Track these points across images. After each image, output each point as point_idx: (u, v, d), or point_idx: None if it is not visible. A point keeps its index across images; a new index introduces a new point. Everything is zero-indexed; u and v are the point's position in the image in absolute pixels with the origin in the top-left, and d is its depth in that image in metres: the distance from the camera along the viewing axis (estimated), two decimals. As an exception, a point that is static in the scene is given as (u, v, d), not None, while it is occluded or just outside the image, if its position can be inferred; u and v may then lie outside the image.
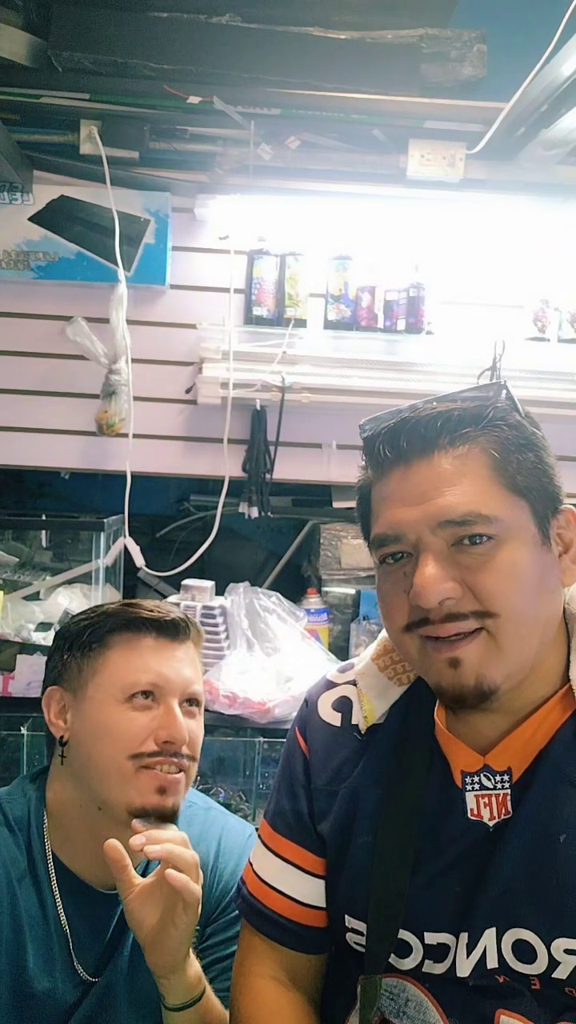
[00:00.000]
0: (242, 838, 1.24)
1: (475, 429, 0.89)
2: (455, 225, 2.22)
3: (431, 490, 0.87)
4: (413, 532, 0.88)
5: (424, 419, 0.89)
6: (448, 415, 0.89)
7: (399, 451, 0.90)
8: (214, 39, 1.97)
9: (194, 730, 1.12)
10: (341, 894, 1.00)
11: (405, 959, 0.94)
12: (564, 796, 0.90)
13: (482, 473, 0.88)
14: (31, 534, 2.22)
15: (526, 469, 0.89)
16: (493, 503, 0.87)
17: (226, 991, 1.09)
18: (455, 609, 0.86)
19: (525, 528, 0.88)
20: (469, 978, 0.91)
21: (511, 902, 0.90)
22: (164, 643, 1.13)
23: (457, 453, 0.88)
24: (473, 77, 2.03)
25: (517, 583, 0.86)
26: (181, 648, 1.14)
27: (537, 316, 2.21)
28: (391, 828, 0.96)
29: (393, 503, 0.90)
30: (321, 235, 2.23)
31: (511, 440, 0.89)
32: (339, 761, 1.02)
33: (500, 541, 0.86)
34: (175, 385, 2.25)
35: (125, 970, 1.14)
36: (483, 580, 0.86)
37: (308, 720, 1.08)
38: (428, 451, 0.89)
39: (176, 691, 1.11)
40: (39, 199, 2.19)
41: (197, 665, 1.16)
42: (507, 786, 0.92)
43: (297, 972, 1.05)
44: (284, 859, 1.04)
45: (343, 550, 2.24)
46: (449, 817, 0.94)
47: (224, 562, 2.43)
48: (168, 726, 1.09)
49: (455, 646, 0.87)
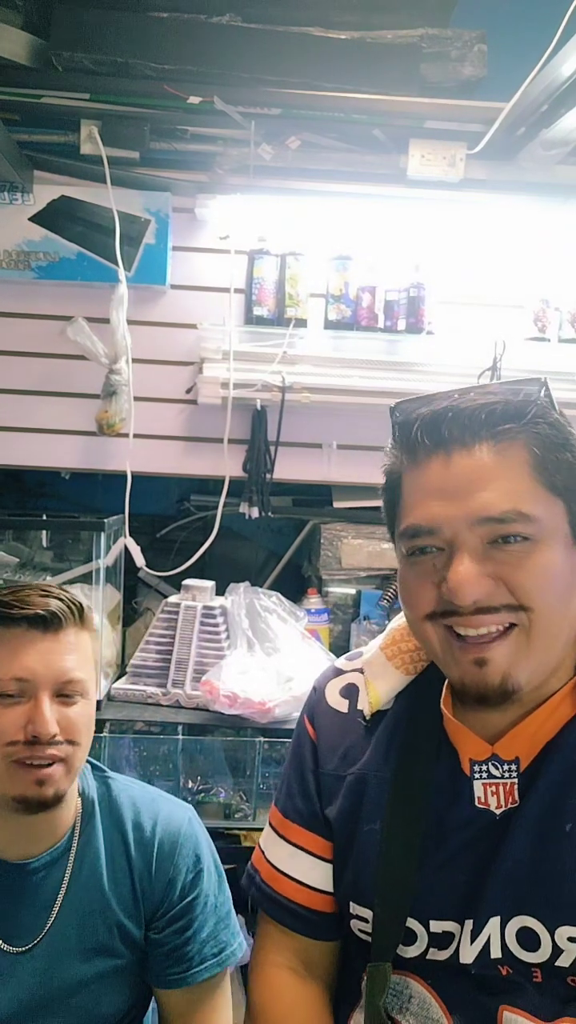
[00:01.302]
0: (181, 820, 1.26)
1: (518, 425, 0.87)
2: (455, 225, 2.22)
3: (471, 484, 0.86)
4: (450, 528, 0.87)
5: (468, 410, 0.88)
6: (492, 408, 0.88)
7: (440, 439, 0.88)
8: (214, 39, 1.97)
9: (72, 717, 1.13)
10: (347, 881, 1.01)
11: (410, 947, 0.95)
12: (572, 787, 0.90)
13: (523, 471, 0.87)
14: (31, 534, 2.22)
15: (564, 469, 0.88)
16: (533, 502, 0.86)
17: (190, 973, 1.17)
18: (487, 603, 0.86)
19: (560, 528, 0.88)
20: (472, 966, 0.91)
21: (516, 890, 0.90)
22: (35, 635, 1.13)
23: (500, 448, 0.87)
24: (473, 77, 2.03)
25: (552, 583, 0.86)
26: (55, 638, 1.13)
27: (537, 316, 2.21)
28: (398, 815, 0.96)
29: (429, 495, 0.88)
30: (321, 235, 2.23)
31: (551, 438, 0.88)
32: (346, 747, 1.04)
33: (536, 541, 0.86)
34: (175, 385, 2.25)
35: (58, 934, 1.16)
36: (519, 578, 0.85)
37: (316, 706, 1.09)
38: (470, 443, 0.87)
39: (46, 683, 1.12)
40: (39, 199, 2.19)
41: (80, 650, 1.16)
42: (515, 775, 0.93)
43: (312, 960, 1.05)
44: (295, 844, 1.05)
45: (344, 550, 2.24)
46: (456, 805, 0.94)
47: (225, 562, 2.43)
48: (34, 720, 1.10)
49: (484, 647, 0.87)
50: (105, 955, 1.19)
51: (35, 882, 1.17)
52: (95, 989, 1.18)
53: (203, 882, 1.24)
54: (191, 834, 1.25)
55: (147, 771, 1.94)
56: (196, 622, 2.01)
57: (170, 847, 1.22)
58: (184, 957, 1.20)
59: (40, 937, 1.16)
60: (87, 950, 1.18)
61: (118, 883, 1.20)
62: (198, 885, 1.23)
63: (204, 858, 1.25)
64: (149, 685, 2.01)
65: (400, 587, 0.95)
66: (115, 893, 1.20)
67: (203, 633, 2.01)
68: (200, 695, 1.91)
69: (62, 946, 1.17)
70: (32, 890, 1.17)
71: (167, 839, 1.23)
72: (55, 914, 1.17)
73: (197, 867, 1.24)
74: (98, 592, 2.05)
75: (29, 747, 1.10)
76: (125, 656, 2.23)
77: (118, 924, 1.19)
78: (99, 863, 1.20)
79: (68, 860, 1.19)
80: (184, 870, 1.22)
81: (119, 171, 2.11)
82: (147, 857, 1.21)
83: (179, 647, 2.01)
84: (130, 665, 2.06)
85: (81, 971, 1.17)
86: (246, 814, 1.88)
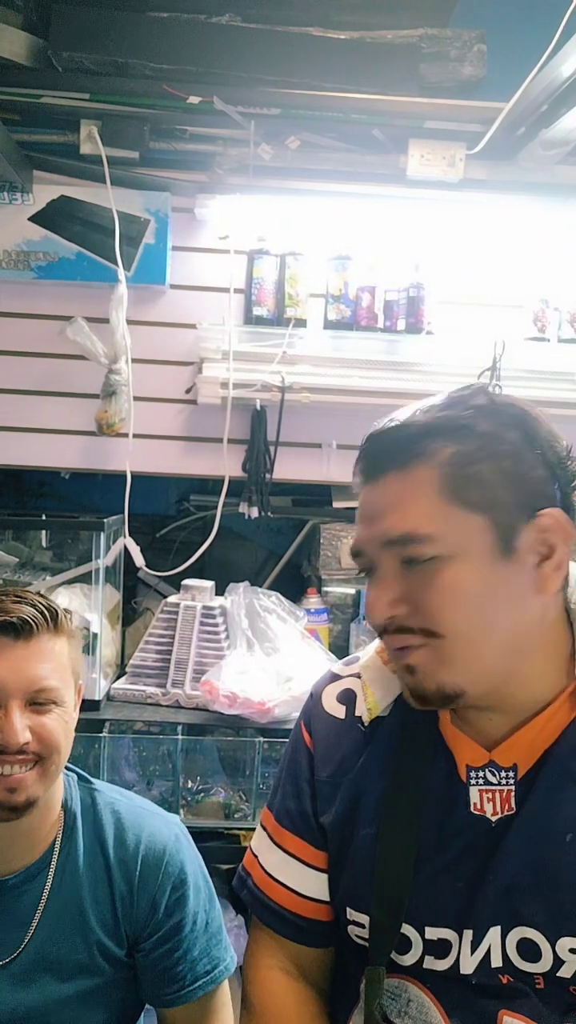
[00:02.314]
0: (167, 838, 1.23)
1: (431, 443, 0.88)
2: (455, 225, 2.22)
3: (381, 509, 0.90)
4: (368, 550, 0.92)
5: (382, 438, 0.92)
6: (403, 431, 0.90)
7: (364, 469, 0.94)
8: (214, 39, 1.97)
9: (46, 725, 1.12)
10: (343, 887, 1.01)
11: (405, 955, 0.94)
12: (570, 795, 0.90)
13: (426, 492, 0.87)
14: (31, 534, 2.22)
15: (485, 481, 0.87)
16: (435, 522, 0.87)
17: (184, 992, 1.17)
18: (403, 623, 0.89)
19: (478, 544, 0.86)
20: (473, 976, 0.91)
21: (516, 900, 0.90)
22: (5, 642, 1.11)
23: (404, 473, 0.89)
24: (473, 77, 2.03)
25: (460, 602, 0.87)
26: (25, 645, 1.12)
27: (537, 316, 2.21)
28: (394, 820, 0.96)
29: (360, 520, 0.94)
30: (321, 235, 2.23)
31: (470, 452, 0.87)
32: (343, 753, 1.03)
33: (444, 559, 0.86)
34: (175, 385, 2.25)
35: (35, 951, 1.15)
36: (426, 599, 0.87)
37: (313, 713, 1.09)
38: (381, 471, 0.91)
39: (16, 692, 1.10)
40: (39, 199, 2.19)
41: (55, 658, 1.14)
42: (511, 783, 0.92)
43: (305, 965, 1.05)
44: (289, 853, 1.05)
45: (343, 550, 2.24)
46: (452, 811, 0.94)
47: (224, 562, 2.43)
48: (3, 730, 1.09)
49: (405, 654, 0.90)
50: (85, 974, 1.16)
51: (13, 897, 1.15)
52: (75, 1007, 1.15)
53: (190, 901, 1.20)
54: (176, 852, 1.21)
55: (146, 771, 1.94)
56: (196, 622, 2.01)
57: (154, 866, 1.19)
58: (176, 977, 1.18)
59: (16, 953, 1.14)
60: (66, 968, 1.15)
61: (98, 902, 1.17)
62: (184, 905, 1.20)
63: (190, 876, 1.21)
64: (149, 685, 2.01)
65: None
66: (95, 911, 1.17)
67: (203, 633, 2.01)
68: (200, 695, 1.91)
69: (40, 963, 1.15)
70: (9, 905, 1.15)
71: (151, 858, 1.19)
72: (32, 930, 1.15)
73: (183, 887, 1.20)
74: (98, 592, 2.05)
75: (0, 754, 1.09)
76: (124, 656, 2.23)
77: (98, 943, 1.17)
78: (79, 880, 1.17)
79: (48, 875, 1.17)
80: (168, 890, 1.19)
81: (119, 171, 2.11)
82: (129, 877, 1.18)
83: (179, 647, 2.01)
84: (129, 665, 2.06)
85: (60, 989, 1.15)
86: (245, 814, 1.88)
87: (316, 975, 1.06)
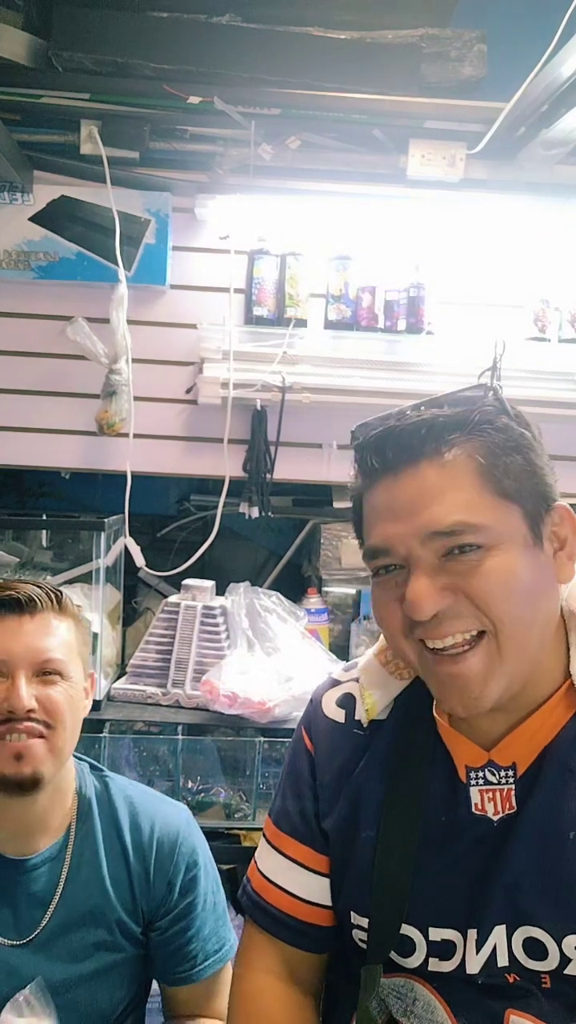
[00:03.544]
0: (178, 822, 1.28)
1: (461, 435, 0.88)
2: (455, 225, 2.22)
3: (418, 501, 0.87)
4: (403, 546, 0.88)
5: (409, 427, 0.89)
6: (432, 422, 0.89)
7: (386, 461, 0.90)
8: (214, 39, 1.97)
9: (52, 697, 1.16)
10: (346, 891, 1.01)
11: (409, 957, 0.94)
12: (571, 792, 0.90)
13: (469, 480, 0.87)
14: (31, 534, 2.22)
15: (515, 472, 0.88)
16: (481, 511, 0.86)
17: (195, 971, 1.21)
18: (451, 613, 0.86)
19: (516, 532, 0.88)
20: (479, 976, 0.91)
21: (520, 899, 0.90)
22: (10, 618, 1.17)
23: (443, 461, 0.87)
24: (473, 77, 2.03)
25: (511, 589, 0.86)
26: (31, 621, 1.18)
27: (537, 316, 2.21)
28: (393, 821, 0.96)
29: (382, 516, 0.90)
30: (321, 235, 2.23)
31: (498, 444, 0.88)
32: (344, 757, 1.03)
33: (490, 548, 0.86)
34: (175, 385, 2.25)
35: (55, 929, 1.18)
36: (477, 586, 0.86)
37: (313, 718, 1.09)
38: (414, 461, 0.88)
39: (22, 664, 1.15)
40: (39, 199, 2.19)
41: (59, 633, 1.20)
42: (511, 781, 0.92)
43: (296, 968, 1.05)
44: (289, 857, 1.05)
45: (343, 550, 2.24)
46: (453, 812, 0.94)
47: (224, 562, 2.43)
48: (9, 696, 1.13)
49: (457, 661, 0.87)
50: (105, 950, 1.20)
51: (32, 878, 1.19)
52: (93, 984, 1.19)
53: (201, 882, 1.25)
54: (188, 835, 1.27)
55: (147, 771, 1.94)
56: (196, 622, 2.01)
57: (168, 849, 1.24)
58: (189, 955, 1.23)
59: (37, 932, 1.17)
60: (86, 946, 1.19)
61: (117, 882, 1.21)
62: (197, 885, 1.25)
63: (201, 858, 1.27)
64: (149, 685, 2.01)
65: (372, 606, 0.96)
66: (115, 890, 1.21)
67: (203, 633, 2.01)
68: (200, 695, 1.91)
69: (59, 941, 1.18)
70: (29, 885, 1.19)
71: (165, 841, 1.24)
72: (52, 909, 1.18)
73: (195, 868, 1.25)
74: (98, 592, 2.05)
75: (6, 724, 1.12)
76: (125, 656, 2.23)
77: (118, 921, 1.21)
78: (98, 860, 1.21)
79: (65, 857, 1.20)
80: (183, 871, 1.24)
81: (119, 171, 2.11)
82: (145, 860, 1.23)
83: (179, 647, 2.01)
84: (130, 665, 2.06)
85: (79, 967, 1.18)
86: (246, 814, 1.88)
87: (308, 979, 1.06)
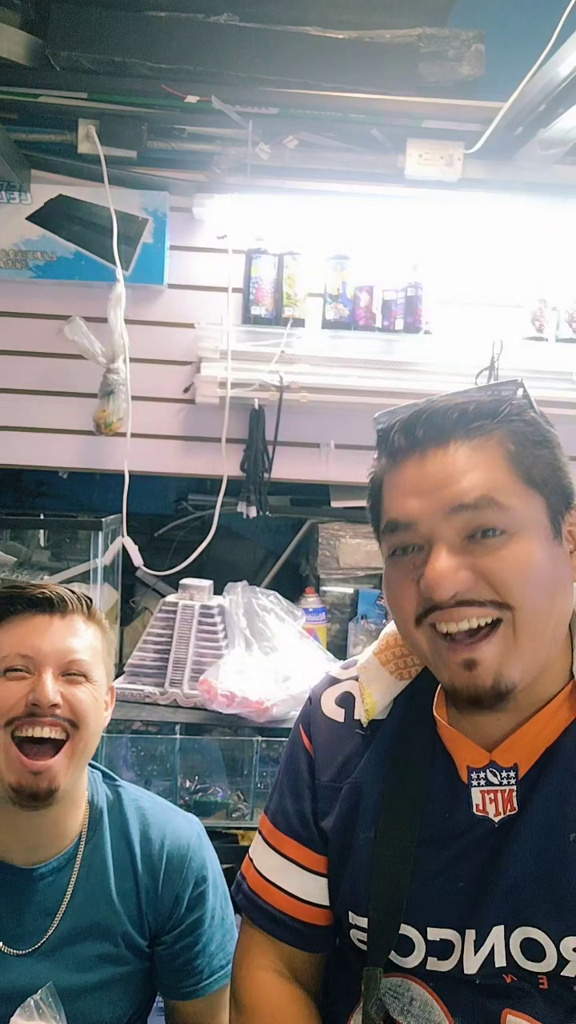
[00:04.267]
0: (189, 835, 1.26)
1: (491, 422, 0.89)
2: (453, 225, 2.22)
3: (446, 479, 0.87)
4: (426, 522, 0.87)
5: (441, 409, 0.89)
6: (465, 407, 0.89)
7: (415, 440, 0.89)
8: (212, 38, 1.97)
9: (77, 696, 1.15)
10: (344, 891, 1.00)
11: (408, 957, 0.94)
12: (573, 794, 0.90)
13: (498, 463, 0.87)
14: (29, 533, 2.22)
15: (542, 464, 0.89)
16: (508, 493, 0.86)
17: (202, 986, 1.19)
18: (468, 596, 0.85)
19: (539, 522, 0.88)
20: (476, 976, 0.91)
21: (520, 900, 0.90)
22: (41, 617, 1.17)
23: (473, 444, 0.88)
24: (471, 76, 2.03)
25: (531, 577, 0.85)
26: (60, 621, 1.18)
27: (535, 316, 2.22)
28: (392, 821, 0.96)
29: (406, 492, 0.89)
30: (319, 234, 2.23)
31: (527, 435, 0.89)
32: (343, 757, 1.03)
33: (513, 534, 0.86)
34: (173, 384, 2.25)
35: (61, 939, 1.17)
36: (498, 569, 0.85)
37: (312, 717, 1.08)
38: (444, 440, 0.88)
39: (50, 661, 1.15)
40: (37, 198, 2.19)
41: (86, 637, 1.20)
42: (513, 783, 0.92)
43: (297, 967, 1.05)
44: (286, 856, 1.04)
45: (341, 549, 2.24)
46: (454, 812, 0.94)
47: (222, 561, 2.43)
48: (35, 689, 1.12)
49: (472, 647, 0.86)
50: (110, 962, 1.19)
51: (40, 887, 1.17)
52: (97, 996, 1.18)
53: (209, 897, 1.24)
54: (198, 849, 1.25)
55: (144, 771, 1.94)
56: (194, 621, 2.01)
57: (178, 863, 1.22)
58: (195, 970, 1.22)
59: (42, 942, 1.16)
60: (91, 957, 1.18)
61: (125, 894, 1.20)
62: (205, 901, 1.24)
63: (210, 873, 1.25)
64: (147, 684, 2.01)
65: (385, 590, 0.95)
66: (122, 903, 1.20)
67: (201, 632, 2.01)
68: (198, 694, 1.91)
69: (64, 951, 1.17)
70: (36, 895, 1.17)
71: (175, 855, 1.23)
72: (58, 919, 1.17)
73: (204, 883, 1.24)
74: (96, 591, 2.05)
75: (30, 719, 1.11)
76: (123, 655, 2.23)
77: (124, 933, 1.19)
78: (106, 872, 1.20)
79: (74, 867, 1.19)
80: (191, 886, 1.22)
81: (117, 170, 2.11)
82: (154, 873, 1.22)
83: (177, 646, 2.01)
84: (128, 664, 2.06)
85: (83, 977, 1.17)
86: (244, 813, 1.88)
87: (308, 977, 1.06)
